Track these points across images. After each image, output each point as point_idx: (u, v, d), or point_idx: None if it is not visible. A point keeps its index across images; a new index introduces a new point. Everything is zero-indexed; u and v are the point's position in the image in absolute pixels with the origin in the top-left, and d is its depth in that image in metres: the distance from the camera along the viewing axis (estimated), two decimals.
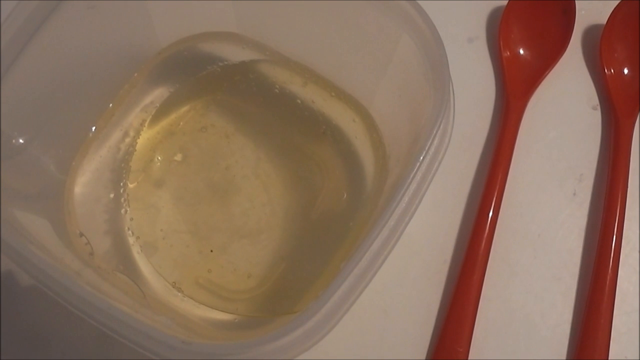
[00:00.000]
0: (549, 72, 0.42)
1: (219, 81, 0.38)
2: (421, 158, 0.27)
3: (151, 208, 0.35)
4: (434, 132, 0.27)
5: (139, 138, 0.36)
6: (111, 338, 0.24)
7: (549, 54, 0.42)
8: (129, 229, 0.35)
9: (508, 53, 0.42)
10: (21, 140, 0.30)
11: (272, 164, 0.36)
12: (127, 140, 0.36)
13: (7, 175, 0.29)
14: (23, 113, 0.30)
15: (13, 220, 0.27)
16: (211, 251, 0.34)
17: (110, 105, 0.36)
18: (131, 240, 0.34)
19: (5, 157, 0.29)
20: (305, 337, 0.24)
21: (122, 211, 0.35)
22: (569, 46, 0.42)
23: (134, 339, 0.24)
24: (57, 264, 0.26)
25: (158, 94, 0.37)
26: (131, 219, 0.35)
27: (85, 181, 0.35)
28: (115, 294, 0.30)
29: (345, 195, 0.36)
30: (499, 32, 0.42)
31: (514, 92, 0.41)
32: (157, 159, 0.36)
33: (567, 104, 0.42)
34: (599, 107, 0.42)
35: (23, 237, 0.26)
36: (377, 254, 0.26)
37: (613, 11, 0.42)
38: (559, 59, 0.42)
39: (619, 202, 0.37)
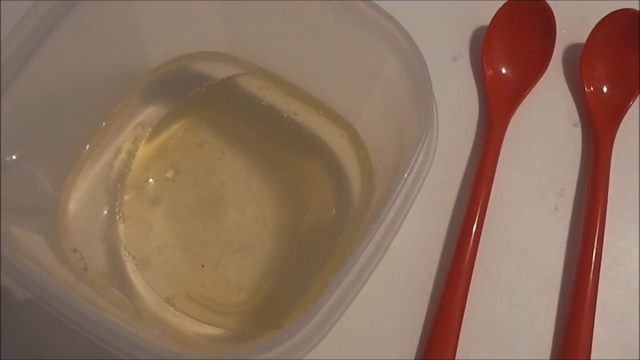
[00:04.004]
0: (531, 89, 0.43)
1: (209, 99, 0.38)
2: (406, 175, 0.27)
3: (145, 224, 0.36)
4: (418, 149, 0.28)
5: (132, 156, 0.37)
6: (105, 350, 0.25)
7: (530, 72, 0.43)
8: (124, 246, 0.35)
9: (491, 71, 0.43)
10: (14, 157, 0.31)
11: (263, 179, 0.37)
12: (120, 158, 0.37)
13: (3, 191, 0.29)
14: (18, 131, 0.30)
15: (9, 235, 0.27)
16: (202, 266, 0.35)
17: (104, 123, 0.37)
18: (125, 256, 0.35)
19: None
20: (293, 349, 0.25)
21: (116, 228, 0.35)
22: (550, 65, 0.43)
23: (127, 350, 0.24)
24: (52, 279, 0.27)
25: (150, 113, 0.38)
26: (125, 236, 0.35)
27: (79, 198, 0.35)
28: (108, 308, 0.31)
29: (333, 210, 0.36)
30: (482, 51, 0.43)
31: (496, 109, 0.42)
32: (150, 176, 0.37)
33: (548, 121, 0.43)
34: (579, 124, 0.43)
35: (19, 252, 0.26)
36: (363, 267, 0.27)
37: (592, 30, 0.43)
38: (541, 77, 0.43)
39: (599, 216, 0.38)
